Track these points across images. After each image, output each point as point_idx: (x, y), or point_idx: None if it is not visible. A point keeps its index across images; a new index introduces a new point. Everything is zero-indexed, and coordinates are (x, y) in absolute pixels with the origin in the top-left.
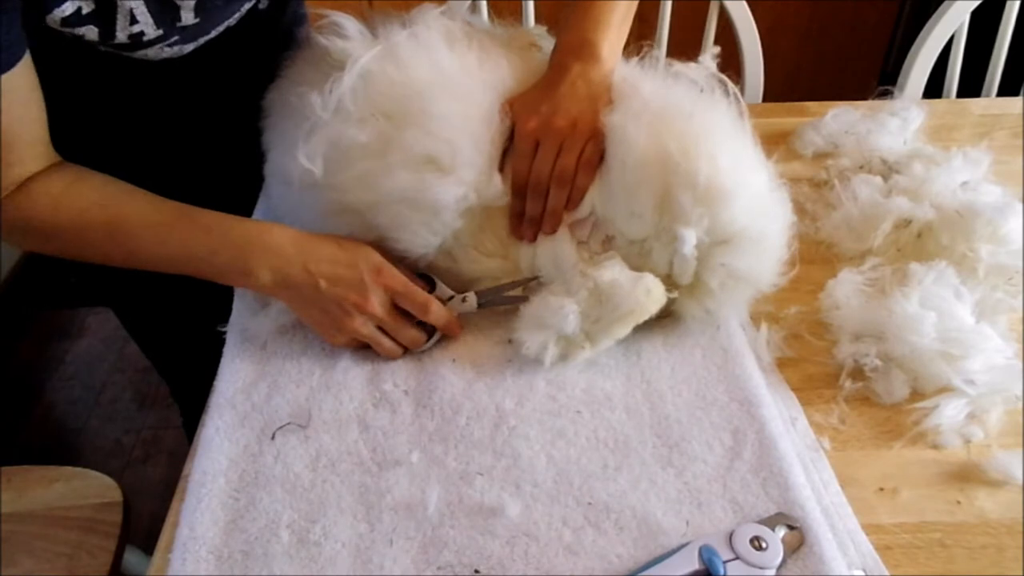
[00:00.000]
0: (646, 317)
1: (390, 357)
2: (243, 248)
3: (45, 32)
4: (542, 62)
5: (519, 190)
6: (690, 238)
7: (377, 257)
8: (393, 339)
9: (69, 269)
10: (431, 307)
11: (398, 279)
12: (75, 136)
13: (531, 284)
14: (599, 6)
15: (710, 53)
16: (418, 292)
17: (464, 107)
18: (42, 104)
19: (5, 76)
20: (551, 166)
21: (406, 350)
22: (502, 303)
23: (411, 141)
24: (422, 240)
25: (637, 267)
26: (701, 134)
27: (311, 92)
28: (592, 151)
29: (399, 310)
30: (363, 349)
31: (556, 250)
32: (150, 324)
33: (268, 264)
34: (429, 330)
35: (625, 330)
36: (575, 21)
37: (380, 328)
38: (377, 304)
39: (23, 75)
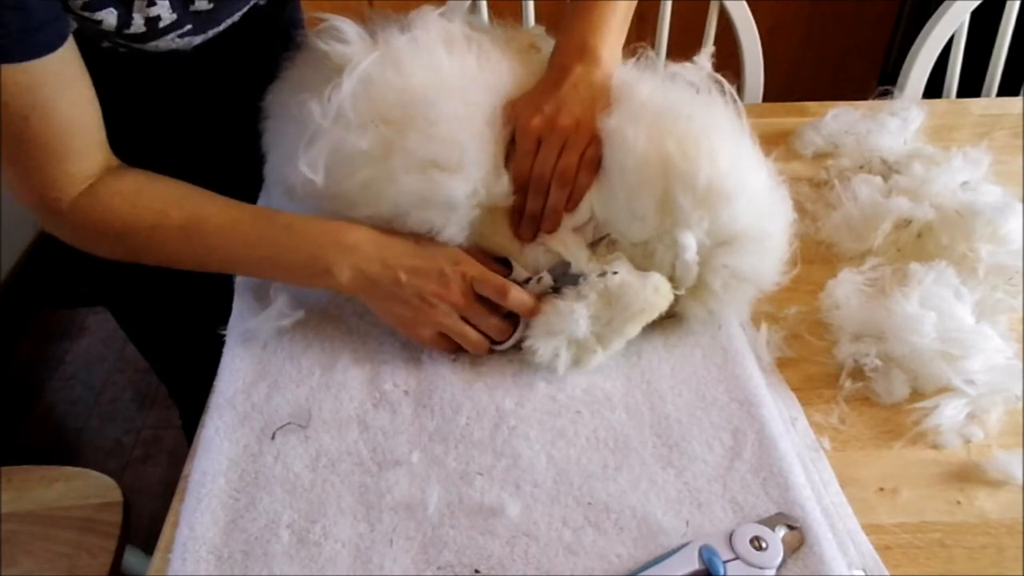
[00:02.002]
0: (656, 315)
1: (477, 350)
2: (323, 246)
3: None
4: (542, 64)
5: (520, 187)
6: (691, 245)
7: (453, 248)
8: (477, 330)
9: (69, 269)
10: (509, 291)
11: (476, 266)
12: None
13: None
14: (599, 8)
15: (706, 53)
16: (496, 277)
17: (467, 110)
18: (93, 89)
19: (54, 57)
20: (553, 164)
21: (491, 344)
22: (573, 281)
23: (414, 146)
24: (447, 235)
25: (641, 269)
26: (700, 135)
27: (311, 100)
28: (594, 152)
29: (480, 300)
30: (364, 349)
31: (567, 254)
32: (148, 326)
33: (348, 262)
34: (513, 324)
35: (636, 329)
36: (575, 23)
37: (464, 319)
38: (458, 292)
39: (70, 58)
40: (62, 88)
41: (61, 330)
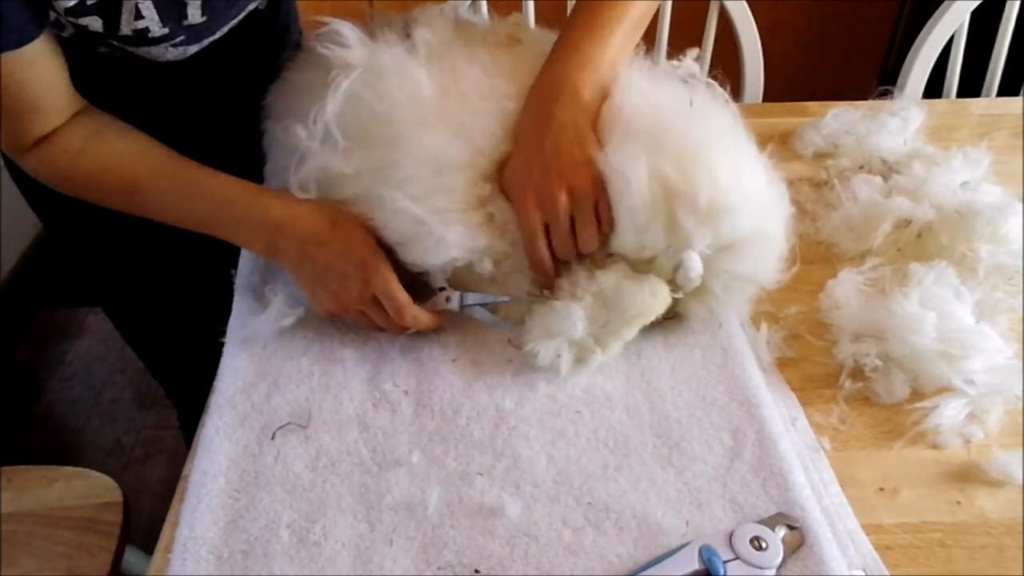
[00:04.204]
0: (653, 318)
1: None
2: (243, 221)
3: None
4: (529, 61)
5: (539, 269)
6: (697, 266)
7: (368, 250)
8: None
9: (69, 269)
10: (405, 316)
11: (382, 279)
12: None
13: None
14: (599, 10)
15: (691, 55)
16: (397, 296)
17: (444, 180)
18: (64, 66)
19: (28, 48)
20: (571, 241)
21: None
22: (480, 316)
23: (394, 204)
24: (424, 269)
25: (641, 272)
26: (697, 152)
27: (295, 124)
28: (604, 209)
29: (376, 302)
30: (364, 349)
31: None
32: (144, 326)
33: (265, 237)
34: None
35: (632, 332)
36: (563, 52)
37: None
38: (356, 297)
39: (42, 47)
40: (30, 72)
41: (61, 330)
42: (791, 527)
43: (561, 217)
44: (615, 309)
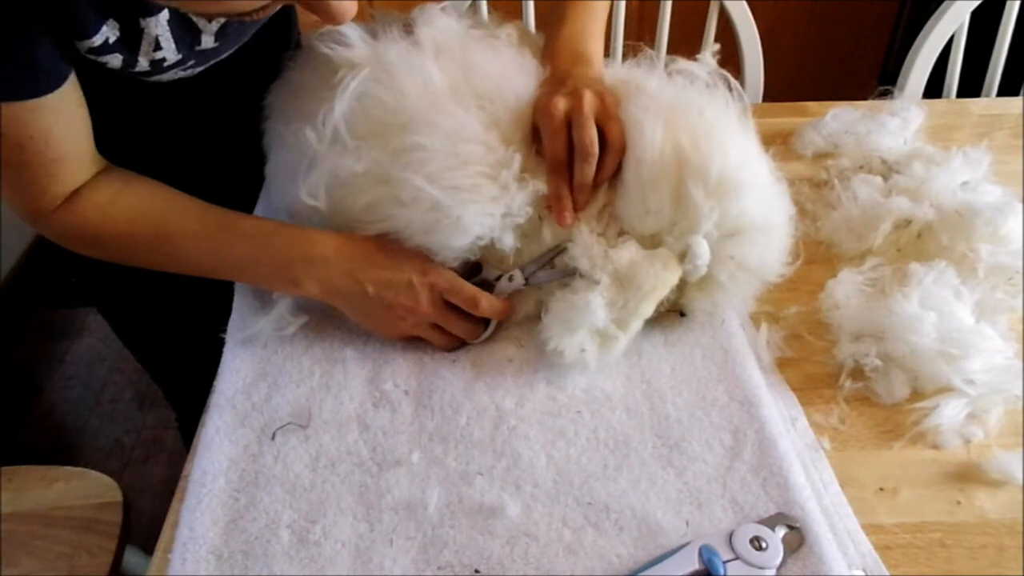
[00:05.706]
0: (668, 290)
1: (447, 349)
2: (287, 259)
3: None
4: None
5: (556, 168)
6: (705, 252)
7: (421, 258)
8: (448, 332)
9: (69, 269)
10: (480, 302)
11: (444, 276)
12: None
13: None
14: (581, 15)
15: (710, 50)
16: (465, 288)
17: (453, 132)
18: (88, 117)
19: (55, 95)
20: (593, 133)
21: (463, 342)
22: (549, 279)
23: (412, 193)
24: (454, 254)
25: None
26: (711, 129)
27: (305, 127)
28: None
29: (449, 306)
30: (364, 348)
31: (580, 241)
32: (142, 328)
33: (314, 275)
34: (484, 320)
35: (651, 308)
36: (562, 32)
37: (434, 324)
38: (426, 304)
39: (69, 93)
40: (57, 120)
41: (61, 330)
42: (791, 527)
43: (586, 109)
44: (631, 287)
